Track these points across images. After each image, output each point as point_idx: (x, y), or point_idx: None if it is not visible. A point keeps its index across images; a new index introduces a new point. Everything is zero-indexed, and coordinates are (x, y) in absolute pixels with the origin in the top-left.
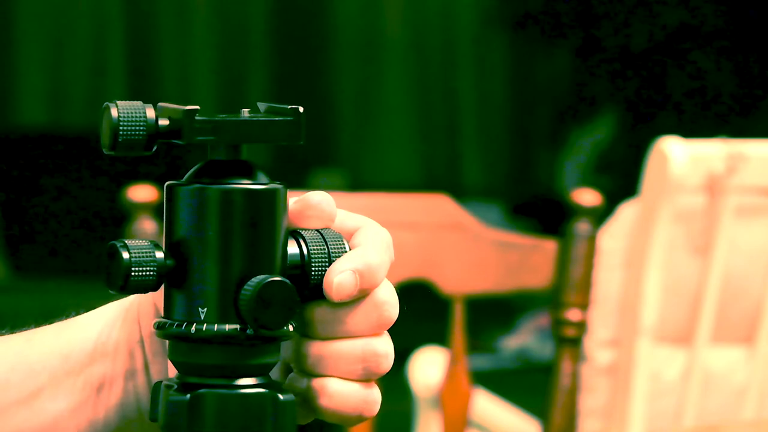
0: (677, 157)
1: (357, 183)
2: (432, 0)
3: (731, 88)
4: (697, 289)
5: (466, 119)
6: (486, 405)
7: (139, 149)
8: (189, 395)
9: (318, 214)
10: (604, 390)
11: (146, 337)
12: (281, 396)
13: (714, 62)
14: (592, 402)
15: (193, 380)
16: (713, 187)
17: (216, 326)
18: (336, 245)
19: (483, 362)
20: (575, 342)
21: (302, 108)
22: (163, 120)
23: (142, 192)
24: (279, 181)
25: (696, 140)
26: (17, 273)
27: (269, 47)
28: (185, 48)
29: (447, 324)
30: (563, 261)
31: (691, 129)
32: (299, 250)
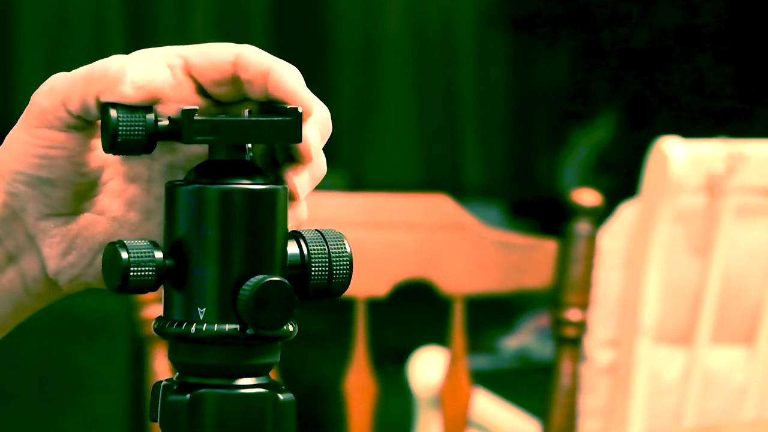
0: (677, 157)
1: (357, 183)
2: (432, 0)
3: (731, 89)
4: (697, 289)
5: (466, 119)
6: (486, 405)
7: (139, 149)
8: (189, 395)
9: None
10: (604, 390)
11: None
12: (281, 396)
13: (714, 62)
14: (592, 402)
15: (193, 380)
16: (713, 187)
17: (215, 326)
18: (336, 245)
19: (483, 362)
20: (575, 342)
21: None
22: (163, 120)
23: None
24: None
25: (696, 140)
26: None
27: (269, 47)
28: None
29: (447, 324)
30: (563, 261)
31: (691, 129)
32: (299, 250)
